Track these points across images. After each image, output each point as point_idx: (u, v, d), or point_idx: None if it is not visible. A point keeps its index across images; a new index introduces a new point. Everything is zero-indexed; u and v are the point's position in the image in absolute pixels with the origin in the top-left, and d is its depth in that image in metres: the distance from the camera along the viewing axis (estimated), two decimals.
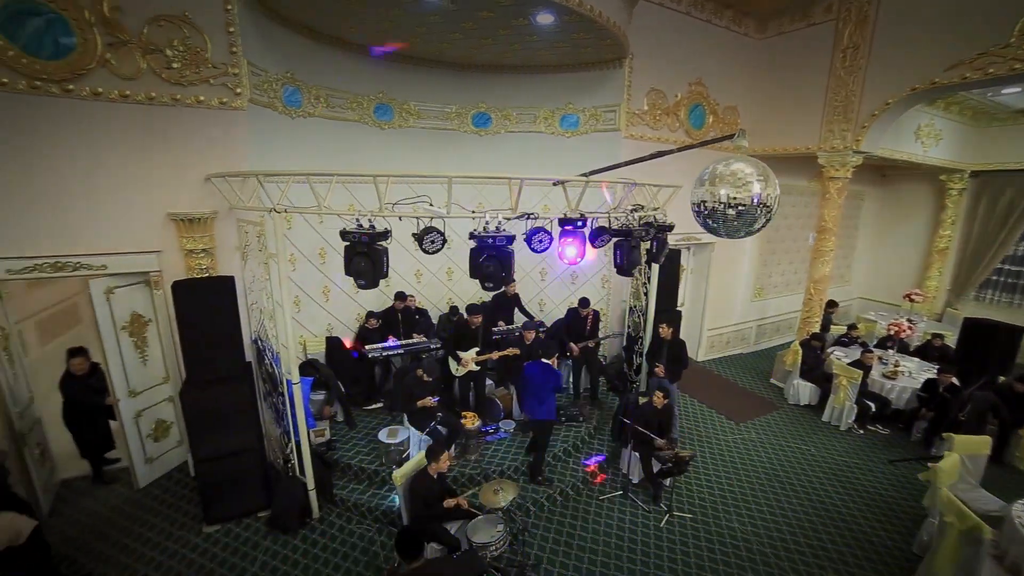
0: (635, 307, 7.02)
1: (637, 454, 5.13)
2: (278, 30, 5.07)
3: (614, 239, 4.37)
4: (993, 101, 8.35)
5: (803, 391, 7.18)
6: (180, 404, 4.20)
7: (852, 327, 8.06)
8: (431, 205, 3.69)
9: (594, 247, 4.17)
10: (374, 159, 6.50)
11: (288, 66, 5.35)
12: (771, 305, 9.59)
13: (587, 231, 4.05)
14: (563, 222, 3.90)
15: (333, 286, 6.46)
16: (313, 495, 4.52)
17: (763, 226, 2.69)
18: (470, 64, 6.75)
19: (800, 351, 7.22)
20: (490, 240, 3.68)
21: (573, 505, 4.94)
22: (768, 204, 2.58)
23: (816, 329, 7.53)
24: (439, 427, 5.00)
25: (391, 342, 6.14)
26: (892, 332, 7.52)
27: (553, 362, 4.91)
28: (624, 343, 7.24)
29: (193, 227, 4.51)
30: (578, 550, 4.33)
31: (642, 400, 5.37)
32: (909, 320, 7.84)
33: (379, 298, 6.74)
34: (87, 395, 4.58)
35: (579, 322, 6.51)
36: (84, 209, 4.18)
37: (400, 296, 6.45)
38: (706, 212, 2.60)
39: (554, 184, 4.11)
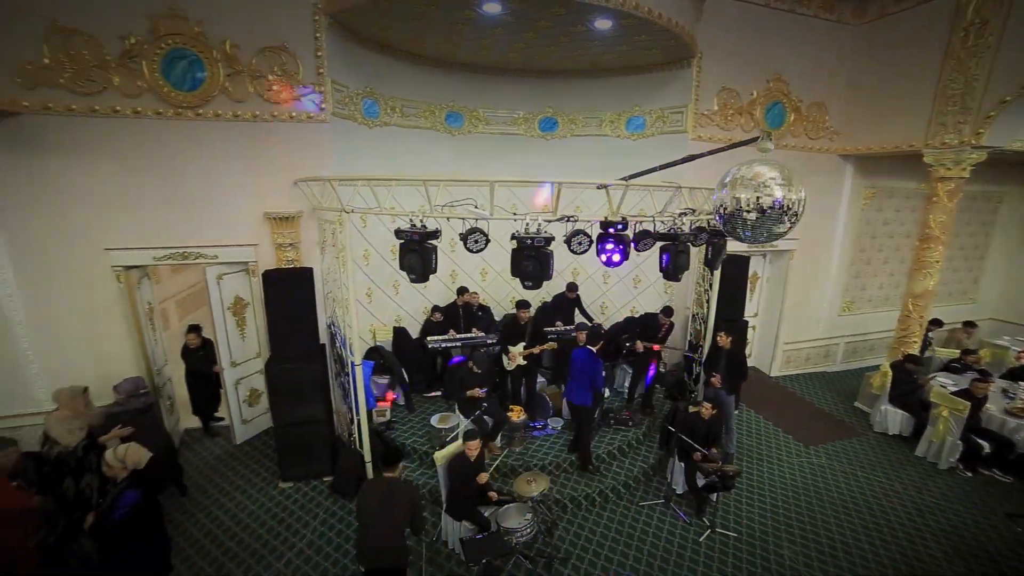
0: (697, 314, 6.76)
1: (683, 464, 5.00)
2: (359, 50, 5.68)
3: (659, 243, 4.31)
4: None
5: (893, 418, 6.41)
6: (265, 375, 4.92)
7: (968, 352, 6.99)
8: (476, 207, 3.97)
9: (636, 250, 4.17)
10: (445, 163, 6.95)
11: (367, 81, 5.96)
12: (864, 321, 8.61)
13: (630, 234, 4.06)
14: (603, 225, 3.96)
15: (403, 280, 6.98)
16: (369, 467, 5.04)
17: (788, 230, 2.57)
18: (536, 70, 6.96)
19: (890, 373, 6.45)
20: (529, 241, 3.87)
21: (612, 507, 4.94)
22: (791, 208, 2.47)
23: (914, 350, 6.66)
24: (485, 417, 5.29)
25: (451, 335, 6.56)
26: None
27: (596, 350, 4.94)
28: (686, 350, 6.99)
29: (283, 224, 5.25)
30: (608, 551, 4.36)
31: (692, 409, 5.20)
32: None
33: (446, 293, 7.21)
34: (199, 364, 5.54)
35: (654, 327, 6.39)
36: (203, 208, 5.08)
37: (461, 291, 6.83)
38: (726, 216, 2.55)
39: (598, 187, 4.16)
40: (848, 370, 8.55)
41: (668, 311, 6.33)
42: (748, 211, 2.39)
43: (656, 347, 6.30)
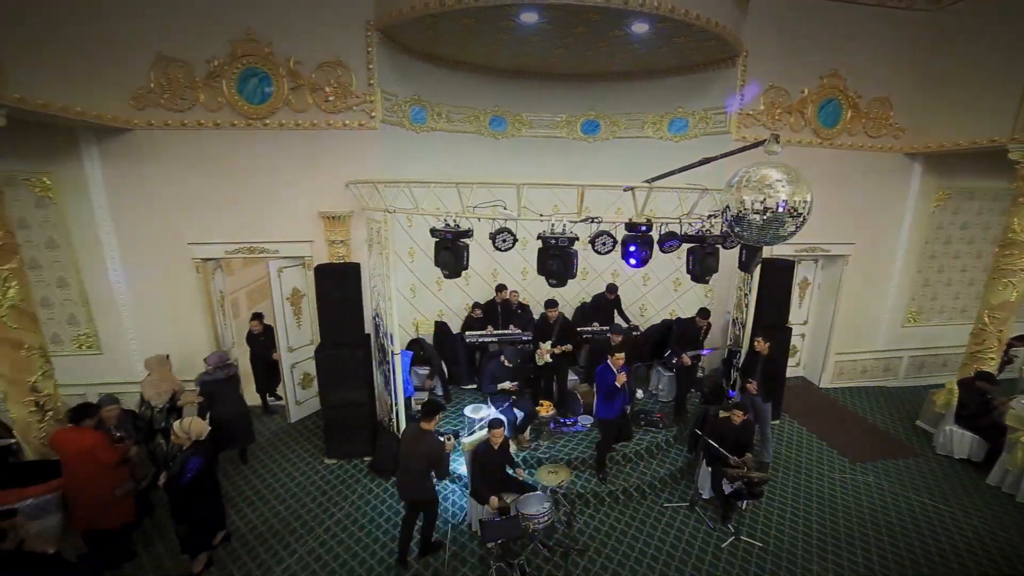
0: (737, 319, 6.59)
1: (710, 469, 4.94)
2: (407, 60, 6.09)
3: (686, 245, 4.32)
4: None
5: (960, 441, 5.89)
6: (315, 361, 5.44)
7: None
8: (505, 208, 4.20)
9: (663, 251, 4.20)
10: (489, 166, 7.19)
11: (416, 89, 6.37)
12: (935, 334, 7.91)
13: (655, 235, 4.11)
14: (628, 227, 4.05)
15: (443, 278, 7.40)
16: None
17: (794, 232, 2.55)
18: (579, 74, 7.07)
19: (956, 391, 5.94)
20: (553, 241, 4.04)
21: (635, 506, 4.98)
22: (798, 210, 2.46)
23: (990, 368, 6.08)
24: (515, 409, 5.51)
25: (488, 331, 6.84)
26: None
27: (617, 360, 4.95)
28: (724, 355, 6.83)
29: (335, 223, 5.77)
30: (627, 548, 4.42)
31: (722, 414, 5.11)
32: None
33: (487, 290, 7.48)
34: (260, 349, 6.19)
35: (693, 331, 6.31)
36: (267, 208, 5.70)
37: (499, 288, 7.08)
38: (732, 218, 2.58)
39: (624, 190, 4.24)
40: (913, 386, 7.88)
41: (705, 313, 6.22)
42: (753, 213, 2.41)
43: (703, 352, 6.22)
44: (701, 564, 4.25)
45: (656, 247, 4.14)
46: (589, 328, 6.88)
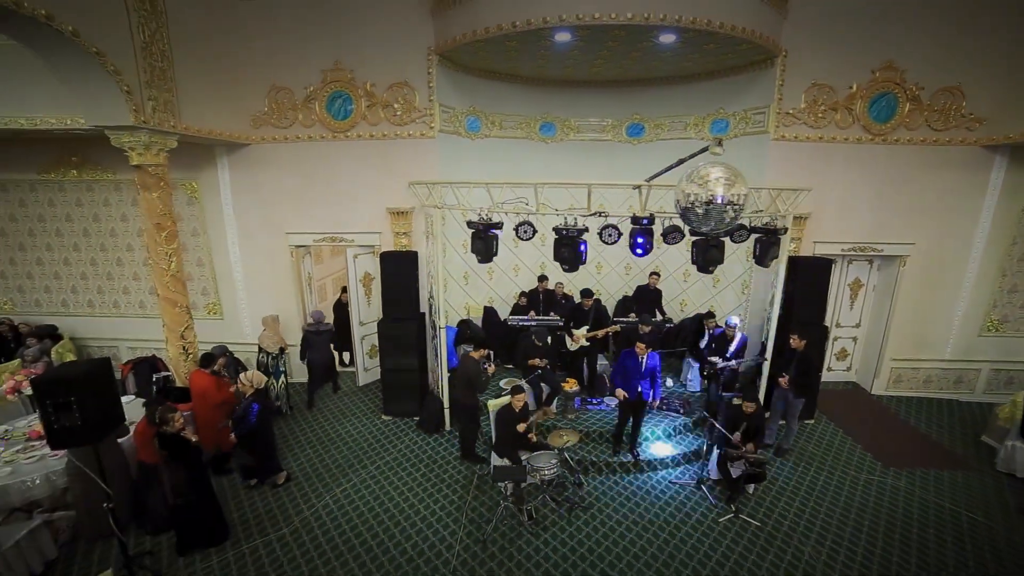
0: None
1: (718, 451, 5.22)
2: (464, 77, 6.99)
3: (692, 238, 4.69)
4: None
5: (1022, 458, 5.49)
6: (377, 332, 6.55)
7: None
8: (527, 204, 4.91)
9: (666, 243, 4.63)
10: (539, 169, 7.86)
11: (471, 101, 7.27)
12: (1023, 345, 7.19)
13: (658, 228, 4.56)
14: (633, 220, 4.54)
15: (496, 267, 8.22)
16: (447, 413, 6.33)
17: (733, 220, 2.94)
18: (623, 80, 7.52)
19: (1022, 404, 5.54)
20: (564, 232, 4.67)
21: (645, 479, 5.42)
22: (735, 202, 2.86)
23: None
24: (542, 383, 6.19)
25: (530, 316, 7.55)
26: None
27: (640, 348, 5.41)
28: (760, 351, 6.88)
29: (399, 217, 6.84)
30: (628, 511, 4.90)
31: (735, 402, 5.35)
32: None
33: (535, 282, 8.19)
34: (344, 316, 7.51)
35: (723, 343, 6.29)
36: (346, 204, 6.93)
37: (541, 279, 7.74)
38: (682, 208, 3.03)
39: (633, 188, 4.70)
40: (993, 403, 7.13)
41: (729, 322, 6.33)
42: (698, 205, 2.88)
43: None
44: (694, 533, 4.62)
45: (661, 239, 4.58)
46: (625, 318, 7.32)
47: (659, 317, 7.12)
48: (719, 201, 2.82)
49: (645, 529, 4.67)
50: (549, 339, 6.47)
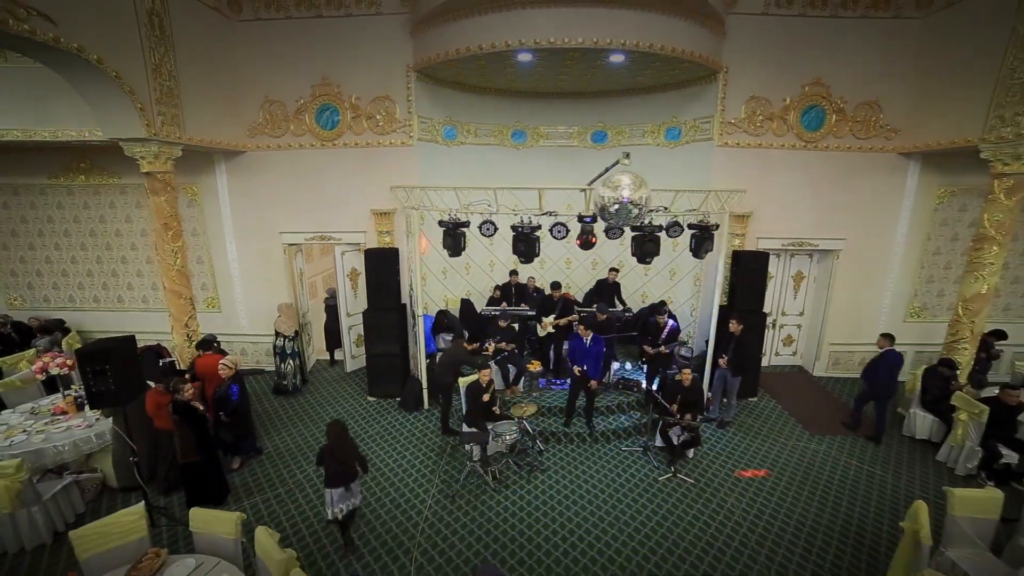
0: (723, 306, 7.39)
1: (660, 421, 5.97)
2: (440, 90, 7.70)
3: (632, 233, 5.44)
4: None
5: (921, 423, 6.31)
6: (363, 322, 7.24)
7: None
8: (489, 206, 5.63)
9: (608, 237, 5.37)
10: (510, 173, 8.57)
11: (448, 112, 7.98)
12: (943, 330, 7.99)
13: (601, 226, 5.29)
14: (579, 218, 5.28)
15: (472, 264, 8.95)
16: (425, 393, 7.04)
17: (638, 217, 3.67)
18: (587, 92, 8.28)
19: (919, 377, 6.35)
20: (520, 230, 5.40)
21: (598, 448, 6.16)
22: (638, 203, 3.60)
23: (964, 357, 6.38)
24: (509, 364, 6.92)
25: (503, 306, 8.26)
26: None
27: (581, 331, 6.14)
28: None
29: (382, 218, 7.54)
30: (580, 473, 5.64)
31: (677, 378, 6.09)
32: None
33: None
34: (333, 314, 8.19)
35: (657, 331, 6.96)
36: (334, 206, 7.62)
37: (512, 273, 8.46)
38: (598, 207, 3.75)
39: (580, 191, 5.44)
40: None
41: (661, 308, 7.06)
42: (609, 204, 3.61)
43: (664, 349, 7.02)
44: (636, 490, 5.35)
45: (603, 234, 5.32)
46: (588, 308, 8.06)
47: (619, 307, 7.87)
48: (625, 201, 3.56)
49: (594, 487, 5.40)
50: (516, 326, 7.20)
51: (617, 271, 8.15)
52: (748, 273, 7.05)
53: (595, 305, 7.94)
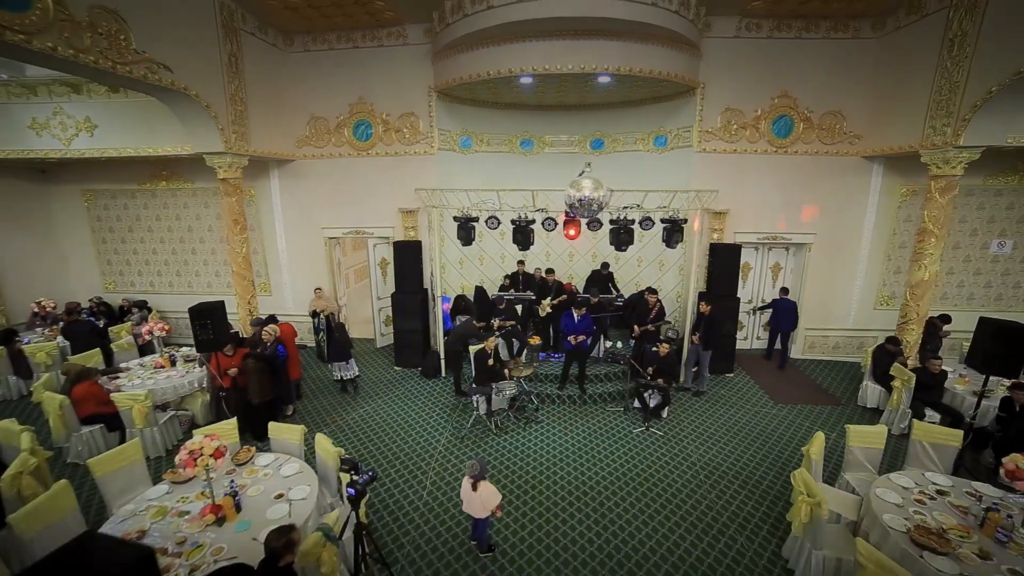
0: (701, 292, 8.42)
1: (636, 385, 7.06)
2: (458, 106, 9.00)
3: (610, 226, 6.56)
4: None
5: (872, 394, 7.20)
6: (391, 303, 8.59)
7: None
8: (494, 205, 6.87)
9: (590, 229, 6.52)
10: (518, 177, 9.78)
11: (464, 124, 9.27)
12: None
13: (586, 221, 6.45)
14: (567, 214, 6.45)
15: (485, 256, 10.21)
16: (442, 363, 8.33)
17: (598, 210, 4.81)
18: (586, 104, 9.43)
19: (870, 354, 7.24)
20: (518, 223, 6.62)
21: (587, 409, 7.28)
22: (596, 201, 4.74)
23: (912, 337, 7.24)
24: (513, 339, 8.14)
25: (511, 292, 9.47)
26: None
27: (575, 310, 7.30)
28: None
29: (408, 215, 8.88)
30: (568, 426, 6.79)
31: (655, 349, 7.16)
32: None
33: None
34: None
35: (644, 311, 8.11)
36: (367, 205, 9.01)
37: (519, 263, 9.66)
38: (569, 203, 4.91)
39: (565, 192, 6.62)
40: None
41: (652, 291, 8.10)
42: (575, 202, 4.78)
43: (651, 327, 8.08)
44: (614, 439, 6.47)
45: (585, 227, 6.48)
46: (585, 295, 9.19)
47: (613, 293, 8.97)
48: (587, 198, 4.73)
49: (578, 436, 6.56)
50: (519, 307, 8.41)
51: (607, 263, 9.26)
52: (723, 263, 8.06)
53: (591, 291, 9.17)
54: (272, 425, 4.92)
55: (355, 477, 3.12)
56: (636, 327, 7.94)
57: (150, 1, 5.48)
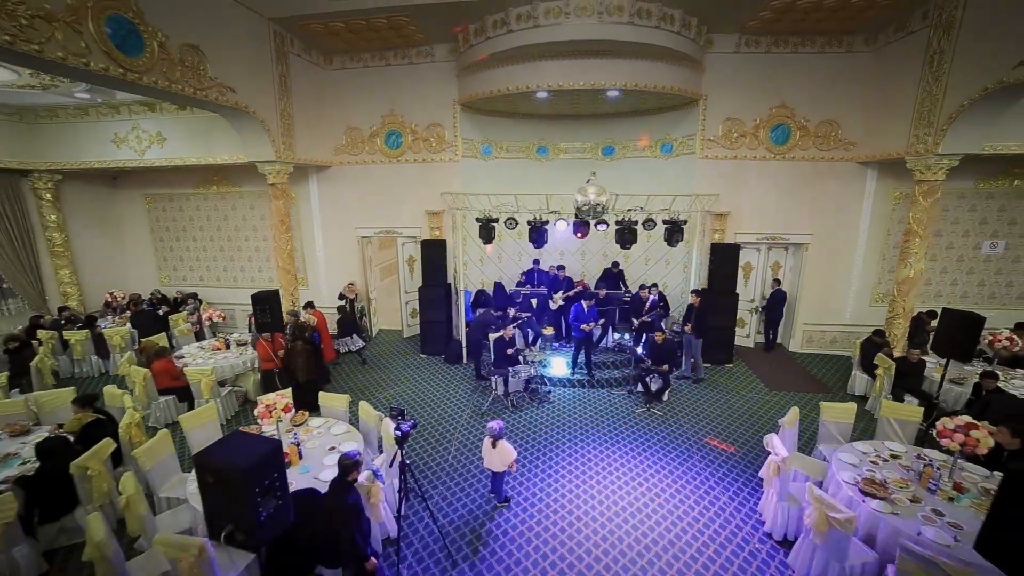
0: (700, 288, 9.08)
1: (639, 371, 7.78)
2: (480, 117, 9.83)
3: (616, 227, 7.31)
4: None
5: (860, 382, 7.77)
6: (418, 296, 9.47)
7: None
8: (511, 207, 7.68)
9: (596, 228, 7.28)
10: (535, 181, 10.57)
11: (485, 133, 10.10)
12: None
13: (593, 222, 7.20)
14: (575, 216, 7.21)
15: (504, 254, 11.02)
16: (464, 351, 9.18)
17: (602, 212, 5.56)
18: (598, 114, 10.16)
19: (859, 346, 7.82)
20: (533, 223, 7.41)
21: (594, 391, 8.03)
22: (599, 204, 5.49)
23: (900, 330, 7.78)
24: (529, 329, 8.93)
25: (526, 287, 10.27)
26: (988, 341, 7.12)
27: (584, 303, 8.06)
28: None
29: (433, 216, 9.76)
30: (577, 405, 7.56)
31: (657, 337, 7.87)
32: None
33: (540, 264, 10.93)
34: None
35: (639, 302, 8.96)
36: (396, 207, 9.93)
37: (535, 262, 10.46)
38: (577, 206, 5.66)
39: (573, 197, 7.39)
40: None
41: (648, 287, 8.80)
42: (581, 205, 5.54)
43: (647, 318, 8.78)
44: (617, 416, 7.20)
45: (592, 228, 7.24)
46: (596, 292, 9.94)
47: (622, 290, 9.69)
48: (591, 202, 5.49)
49: (585, 414, 7.31)
50: (534, 300, 9.21)
51: (618, 263, 9.99)
52: (722, 261, 8.71)
53: (599, 287, 9.92)
54: (322, 395, 5.81)
55: (401, 423, 3.95)
56: (634, 319, 8.66)
57: (220, 34, 6.46)
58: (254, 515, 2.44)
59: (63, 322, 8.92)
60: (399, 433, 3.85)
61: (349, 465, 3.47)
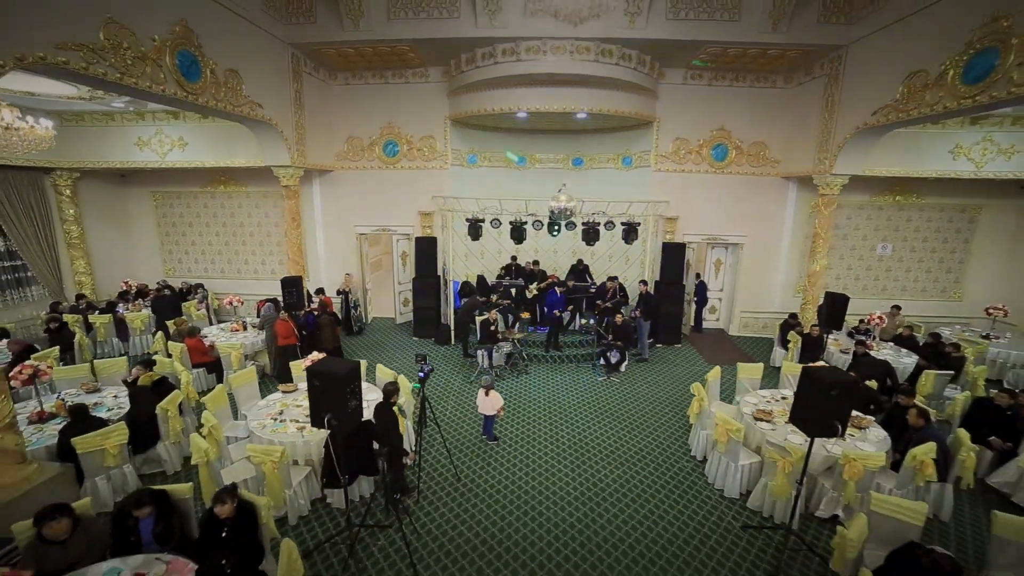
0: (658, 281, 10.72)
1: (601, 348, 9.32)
2: (467, 130, 11.22)
3: (582, 227, 8.84)
4: None
5: (778, 356, 9.56)
6: (412, 284, 10.75)
7: (862, 322, 9.58)
8: (495, 210, 9.10)
9: (567, 229, 8.80)
10: (513, 187, 12.08)
11: (471, 144, 11.50)
12: None
13: (565, 223, 8.71)
14: (549, 218, 8.70)
15: (486, 251, 12.41)
16: (452, 333, 10.52)
17: (570, 215, 7.05)
18: (569, 129, 11.71)
19: (778, 327, 9.62)
20: (515, 223, 8.86)
21: (564, 366, 9.53)
22: (568, 210, 6.97)
23: (811, 315, 9.61)
24: (508, 314, 10.37)
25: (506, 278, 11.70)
26: (866, 320, 9.05)
27: (558, 290, 9.57)
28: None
29: (425, 216, 11.07)
30: (549, 375, 9.04)
31: (616, 318, 9.44)
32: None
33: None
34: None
35: (602, 290, 10.57)
36: (392, 208, 11.19)
37: (512, 258, 11.90)
38: (551, 211, 7.13)
39: (549, 204, 8.89)
40: None
41: (612, 278, 10.43)
42: (555, 211, 7.01)
43: (610, 304, 10.42)
44: (582, 384, 8.71)
45: (564, 228, 8.76)
46: (566, 283, 11.48)
47: (588, 281, 11.26)
48: (562, 207, 6.97)
49: (556, 382, 8.80)
50: (513, 290, 10.66)
51: (583, 260, 11.56)
52: (671, 257, 10.39)
53: (568, 279, 11.47)
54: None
55: (424, 365, 5.27)
56: (600, 303, 10.25)
57: (252, 59, 7.64)
58: (344, 407, 3.74)
59: (83, 307, 9.77)
60: (422, 375, 5.20)
61: (392, 389, 4.83)
